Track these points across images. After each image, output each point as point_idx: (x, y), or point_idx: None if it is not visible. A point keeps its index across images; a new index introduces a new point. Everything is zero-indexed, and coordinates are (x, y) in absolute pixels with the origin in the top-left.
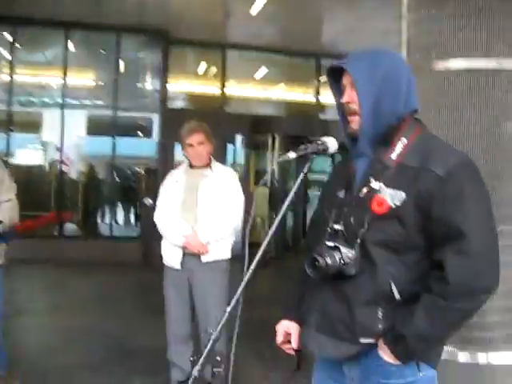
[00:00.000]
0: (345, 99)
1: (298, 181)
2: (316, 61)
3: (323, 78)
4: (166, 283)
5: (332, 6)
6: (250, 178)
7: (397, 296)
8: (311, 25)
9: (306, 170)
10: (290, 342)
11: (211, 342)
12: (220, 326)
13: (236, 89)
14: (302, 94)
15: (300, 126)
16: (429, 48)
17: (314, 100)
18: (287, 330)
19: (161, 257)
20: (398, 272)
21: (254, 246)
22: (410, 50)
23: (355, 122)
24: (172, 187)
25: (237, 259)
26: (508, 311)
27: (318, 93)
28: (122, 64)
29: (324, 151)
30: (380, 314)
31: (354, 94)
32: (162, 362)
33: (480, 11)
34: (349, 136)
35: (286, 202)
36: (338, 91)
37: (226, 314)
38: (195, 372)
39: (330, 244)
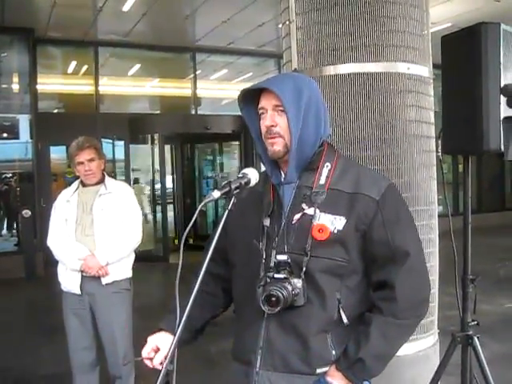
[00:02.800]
0: (268, 123)
1: (224, 218)
2: (191, 55)
3: (199, 72)
4: (65, 310)
5: None
6: (129, 174)
7: (345, 320)
8: (185, 19)
9: (230, 207)
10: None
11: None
12: (169, 357)
13: (110, 87)
14: (178, 89)
15: (178, 122)
16: (319, 53)
17: (190, 95)
18: (159, 345)
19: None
20: (344, 296)
21: None
22: (299, 55)
23: (278, 144)
24: (63, 208)
25: None
26: None
27: (194, 87)
28: None
29: (247, 184)
30: (329, 341)
31: (278, 118)
32: None
33: (367, 15)
34: (269, 162)
35: (213, 242)
36: (250, 115)
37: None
38: None
39: (279, 276)
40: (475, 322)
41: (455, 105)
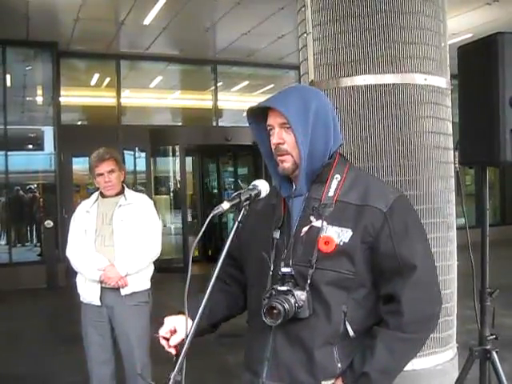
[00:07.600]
0: (275, 141)
1: (234, 229)
2: (212, 67)
3: (220, 84)
4: (84, 322)
5: (226, 12)
6: (151, 185)
7: (351, 333)
8: (206, 32)
9: (240, 219)
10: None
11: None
12: (177, 368)
13: (132, 99)
14: (199, 101)
15: (199, 133)
16: (335, 64)
17: (211, 107)
18: (176, 328)
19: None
20: (350, 309)
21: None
22: (316, 67)
23: (288, 161)
24: (83, 219)
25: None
26: None
27: (215, 99)
28: (8, 78)
29: (257, 196)
30: (336, 354)
31: (285, 135)
32: None
33: (383, 26)
34: (280, 176)
35: (223, 253)
36: (260, 131)
37: (184, 352)
38: None
39: (283, 288)
40: (493, 336)
41: (472, 115)
